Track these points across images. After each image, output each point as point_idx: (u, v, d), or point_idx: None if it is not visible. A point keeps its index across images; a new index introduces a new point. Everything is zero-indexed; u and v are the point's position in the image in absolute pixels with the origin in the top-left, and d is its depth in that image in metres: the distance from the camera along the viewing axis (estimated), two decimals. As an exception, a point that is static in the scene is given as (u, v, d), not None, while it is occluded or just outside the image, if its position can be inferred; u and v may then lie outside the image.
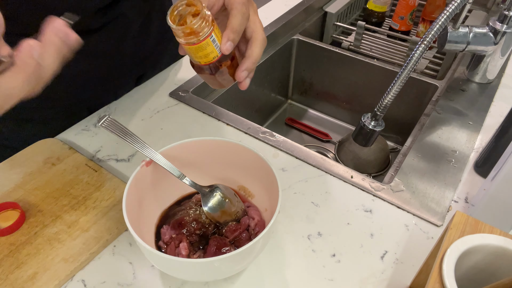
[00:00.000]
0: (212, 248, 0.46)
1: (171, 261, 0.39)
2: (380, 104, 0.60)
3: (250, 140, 0.66)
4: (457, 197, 0.57)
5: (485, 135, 0.68)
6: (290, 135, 1.03)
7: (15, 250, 0.48)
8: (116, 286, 0.47)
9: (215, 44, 0.42)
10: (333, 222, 0.54)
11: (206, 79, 0.47)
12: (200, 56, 0.42)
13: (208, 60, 0.43)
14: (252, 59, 0.46)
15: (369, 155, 0.85)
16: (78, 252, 0.48)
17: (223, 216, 0.49)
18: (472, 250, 0.35)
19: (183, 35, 0.40)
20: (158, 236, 0.48)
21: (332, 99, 1.04)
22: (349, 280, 0.47)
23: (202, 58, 0.43)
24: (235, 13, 0.43)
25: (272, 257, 0.50)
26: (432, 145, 0.65)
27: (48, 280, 0.46)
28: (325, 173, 0.60)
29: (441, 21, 0.54)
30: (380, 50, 1.05)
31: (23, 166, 0.59)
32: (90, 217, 0.52)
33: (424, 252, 0.50)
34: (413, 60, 0.55)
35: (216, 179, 0.54)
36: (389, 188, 0.58)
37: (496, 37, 0.72)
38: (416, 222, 0.54)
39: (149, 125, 0.69)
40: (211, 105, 0.72)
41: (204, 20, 0.39)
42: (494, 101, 0.75)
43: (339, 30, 1.15)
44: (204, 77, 0.46)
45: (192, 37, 0.40)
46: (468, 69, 0.80)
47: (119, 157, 0.63)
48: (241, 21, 0.43)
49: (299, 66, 1.04)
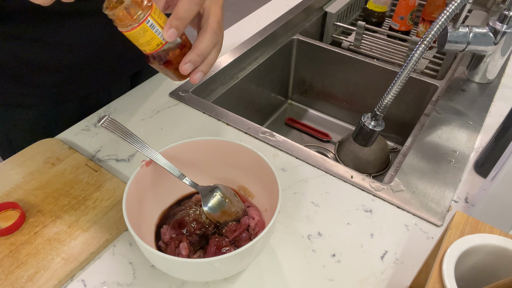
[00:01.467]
0: (212, 248, 0.46)
1: (171, 261, 0.39)
2: (380, 104, 0.60)
3: (250, 140, 0.66)
4: (457, 197, 0.57)
5: (485, 135, 0.68)
6: (290, 135, 1.03)
7: (15, 250, 0.48)
8: (116, 286, 0.47)
9: (155, 30, 0.39)
10: (333, 222, 0.54)
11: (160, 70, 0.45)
12: (142, 43, 0.40)
13: (152, 48, 0.41)
14: (197, 50, 0.43)
15: (369, 155, 0.85)
16: (78, 252, 0.48)
17: (223, 216, 0.49)
18: (472, 250, 0.35)
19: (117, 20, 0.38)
20: (158, 236, 0.48)
21: (332, 99, 1.04)
22: (349, 280, 0.47)
23: (145, 46, 0.41)
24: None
25: (272, 257, 0.50)
26: (432, 145, 0.65)
27: (48, 280, 0.46)
28: (325, 173, 0.60)
29: (441, 21, 0.54)
30: (380, 50, 1.05)
31: (23, 166, 0.59)
32: (90, 217, 0.52)
33: (424, 252, 0.50)
34: (413, 60, 0.55)
35: (216, 179, 0.54)
36: (389, 188, 0.58)
37: (496, 37, 0.72)
38: (416, 222, 0.54)
39: (149, 125, 0.69)
40: (211, 105, 0.72)
41: (137, 3, 0.37)
42: (494, 101, 0.75)
43: (339, 30, 1.15)
44: (156, 67, 0.44)
45: (126, 22, 0.38)
46: (468, 69, 0.80)
47: (119, 157, 0.63)
48: (188, 6, 0.40)
49: (299, 66, 1.04)
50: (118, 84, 0.77)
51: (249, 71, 0.89)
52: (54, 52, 0.64)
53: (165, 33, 0.40)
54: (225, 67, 0.83)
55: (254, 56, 0.91)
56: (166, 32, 0.40)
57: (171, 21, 0.40)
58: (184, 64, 0.43)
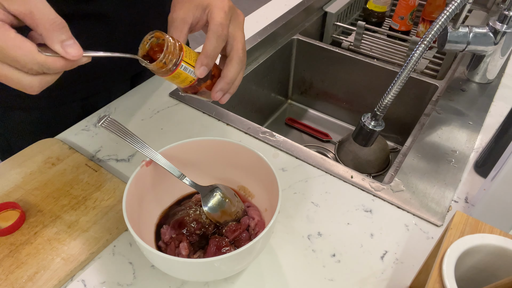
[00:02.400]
0: (212, 248, 0.46)
1: (171, 261, 0.39)
2: (380, 104, 0.60)
3: (250, 140, 0.66)
4: (457, 197, 0.57)
5: (485, 135, 0.68)
6: (290, 135, 1.03)
7: (15, 250, 0.48)
8: (116, 286, 0.47)
9: (188, 71, 0.43)
10: (333, 222, 0.54)
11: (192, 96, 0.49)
12: (178, 82, 0.44)
13: (186, 84, 0.45)
14: (226, 79, 0.46)
15: (369, 155, 0.85)
16: (78, 252, 0.48)
17: (223, 216, 0.49)
18: (472, 250, 0.35)
19: (154, 69, 0.42)
20: (158, 236, 0.48)
21: (332, 99, 1.04)
22: (349, 280, 0.47)
23: (180, 83, 0.45)
24: (210, 36, 0.44)
25: (272, 257, 0.50)
26: (432, 145, 0.65)
27: (48, 280, 0.46)
28: (325, 173, 0.60)
29: (441, 21, 0.54)
30: (380, 50, 1.05)
31: (23, 166, 0.59)
32: (90, 217, 0.52)
33: (424, 252, 0.50)
34: (413, 60, 0.55)
35: (216, 179, 0.54)
36: (389, 188, 0.58)
37: (496, 37, 0.72)
38: (416, 222, 0.54)
39: (149, 125, 0.69)
40: (211, 105, 0.72)
41: (170, 54, 0.41)
42: (494, 101, 0.75)
43: (339, 30, 1.15)
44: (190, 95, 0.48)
45: (163, 69, 0.42)
46: (468, 69, 0.80)
47: (119, 157, 0.63)
48: (216, 44, 0.44)
49: (299, 66, 1.04)
50: (118, 85, 0.77)
51: (249, 71, 0.89)
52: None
53: (197, 71, 0.44)
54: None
55: (254, 56, 0.91)
56: (197, 70, 0.44)
57: (201, 59, 0.44)
58: (216, 92, 0.47)
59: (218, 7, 0.46)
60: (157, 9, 0.76)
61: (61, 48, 0.36)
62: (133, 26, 0.71)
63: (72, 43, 0.36)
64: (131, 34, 0.72)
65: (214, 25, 0.45)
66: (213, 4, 0.46)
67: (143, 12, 0.72)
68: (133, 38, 0.73)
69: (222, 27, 0.45)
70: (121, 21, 0.68)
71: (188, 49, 0.44)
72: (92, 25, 0.64)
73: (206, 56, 0.44)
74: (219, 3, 0.46)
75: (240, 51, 0.47)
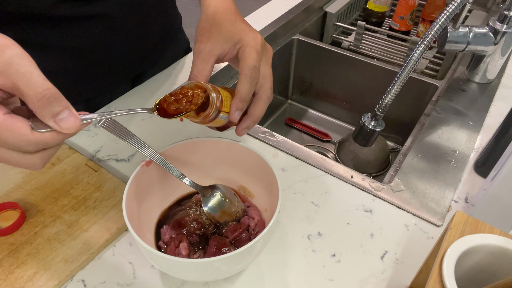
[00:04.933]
0: (212, 248, 0.46)
1: (171, 261, 0.39)
2: (380, 104, 0.60)
3: (250, 140, 0.66)
4: (457, 197, 0.57)
5: (485, 135, 0.68)
6: (290, 135, 1.03)
7: (15, 250, 0.48)
8: (116, 286, 0.47)
9: (224, 118, 0.44)
10: (333, 222, 0.54)
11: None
12: (211, 125, 0.45)
13: (218, 125, 0.46)
14: (253, 118, 0.46)
15: (369, 155, 0.85)
16: (78, 252, 0.48)
17: (223, 216, 0.49)
18: (472, 250, 0.35)
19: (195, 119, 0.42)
20: (158, 236, 0.48)
21: (332, 99, 1.04)
22: (349, 280, 0.47)
23: (212, 126, 0.46)
24: (243, 80, 0.43)
25: (272, 257, 0.50)
26: (432, 145, 0.65)
27: (48, 280, 0.46)
28: (325, 173, 0.60)
29: (441, 21, 0.54)
30: (380, 50, 1.05)
31: (23, 166, 0.59)
32: (90, 217, 0.52)
33: (424, 252, 0.50)
34: (413, 60, 0.55)
35: (216, 179, 0.54)
36: (389, 188, 0.58)
37: (496, 37, 0.71)
38: (416, 222, 0.54)
39: (149, 125, 0.69)
40: (211, 105, 0.72)
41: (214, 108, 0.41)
42: (494, 101, 0.75)
43: (339, 30, 1.15)
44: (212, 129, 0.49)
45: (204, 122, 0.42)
46: (468, 69, 0.80)
47: (119, 157, 0.63)
48: (250, 88, 0.44)
49: (299, 66, 1.04)
50: (120, 86, 0.78)
51: (249, 71, 0.89)
52: (57, 57, 0.65)
53: (231, 115, 0.43)
54: (225, 67, 0.83)
55: (254, 56, 0.91)
56: (232, 116, 0.43)
57: (236, 104, 0.43)
58: (242, 130, 0.47)
59: (251, 46, 0.45)
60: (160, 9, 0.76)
61: (55, 124, 0.32)
62: (136, 27, 0.71)
63: (67, 115, 0.32)
64: (134, 35, 0.72)
65: (248, 68, 0.43)
66: (246, 42, 0.45)
67: (146, 13, 0.72)
68: (137, 38, 0.73)
69: (256, 70, 0.44)
70: (124, 22, 0.68)
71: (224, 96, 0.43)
72: (95, 26, 0.65)
73: (241, 100, 0.43)
74: (251, 41, 0.45)
75: (269, 91, 0.46)
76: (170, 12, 0.81)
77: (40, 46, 0.62)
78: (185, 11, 1.08)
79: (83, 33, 0.64)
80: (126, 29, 0.69)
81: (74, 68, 0.68)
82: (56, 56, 0.65)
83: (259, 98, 0.46)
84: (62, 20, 0.61)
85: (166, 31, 0.81)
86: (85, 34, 0.65)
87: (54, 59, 0.65)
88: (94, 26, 0.64)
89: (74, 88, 0.70)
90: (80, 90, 0.71)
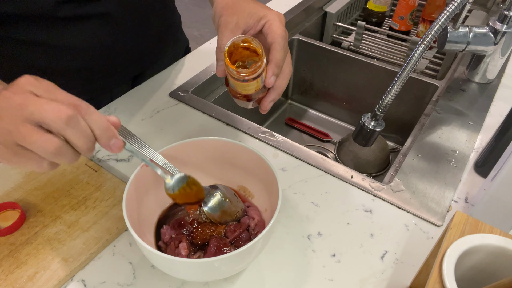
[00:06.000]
0: (212, 248, 0.46)
1: (171, 261, 0.39)
2: (380, 104, 0.60)
3: (250, 140, 0.66)
4: (457, 197, 0.57)
5: (485, 135, 0.68)
6: (290, 135, 1.03)
7: (15, 250, 0.48)
8: (116, 286, 0.47)
9: (262, 80, 0.44)
10: (333, 222, 0.54)
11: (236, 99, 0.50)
12: (245, 89, 0.45)
13: (249, 92, 0.46)
14: (279, 90, 0.48)
15: (369, 155, 0.85)
16: (78, 252, 0.48)
17: (223, 216, 0.49)
18: (472, 250, 0.35)
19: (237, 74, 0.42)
20: (158, 236, 0.48)
21: (332, 99, 1.04)
22: (349, 280, 0.47)
23: (245, 91, 0.45)
24: (277, 47, 0.45)
25: (272, 257, 0.50)
26: (432, 145, 0.65)
27: (48, 280, 0.46)
28: (325, 173, 0.60)
29: (441, 21, 0.54)
30: (380, 50, 1.05)
31: (23, 166, 0.59)
32: (90, 217, 0.52)
33: (424, 252, 0.50)
34: (413, 60, 0.55)
35: (216, 179, 0.54)
36: (389, 188, 0.58)
37: (496, 37, 0.71)
38: (416, 222, 0.54)
39: (149, 125, 0.69)
40: (211, 105, 0.72)
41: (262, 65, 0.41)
42: (494, 101, 0.75)
43: (339, 30, 1.15)
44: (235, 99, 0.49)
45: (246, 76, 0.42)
46: (468, 69, 0.80)
47: (119, 157, 0.63)
48: (283, 55, 0.46)
49: (299, 66, 1.04)
50: (120, 86, 0.78)
51: (249, 71, 0.89)
52: (59, 56, 0.65)
53: (267, 80, 0.45)
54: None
55: (254, 56, 0.91)
56: (268, 79, 0.45)
57: (273, 69, 0.45)
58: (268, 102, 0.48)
59: (278, 21, 0.48)
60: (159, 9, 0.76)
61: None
62: (136, 27, 0.71)
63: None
64: (134, 34, 0.72)
65: (280, 37, 0.46)
66: (272, 17, 0.48)
67: (146, 13, 0.72)
68: (137, 38, 0.73)
69: (285, 40, 0.46)
70: (124, 22, 0.68)
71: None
72: (95, 26, 0.65)
73: (276, 66, 0.45)
74: (277, 17, 0.48)
75: (290, 66, 0.49)
76: (170, 12, 0.81)
77: (40, 46, 0.62)
78: (185, 11, 1.08)
79: (83, 33, 0.64)
80: (126, 29, 0.69)
81: (74, 68, 0.68)
82: (56, 56, 0.65)
83: (283, 72, 0.48)
84: (63, 20, 0.61)
85: (166, 31, 0.81)
86: (85, 34, 0.65)
87: (55, 59, 0.65)
88: (95, 26, 0.65)
89: (74, 87, 0.70)
90: (80, 89, 0.71)
